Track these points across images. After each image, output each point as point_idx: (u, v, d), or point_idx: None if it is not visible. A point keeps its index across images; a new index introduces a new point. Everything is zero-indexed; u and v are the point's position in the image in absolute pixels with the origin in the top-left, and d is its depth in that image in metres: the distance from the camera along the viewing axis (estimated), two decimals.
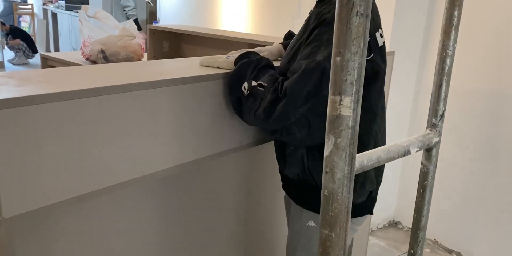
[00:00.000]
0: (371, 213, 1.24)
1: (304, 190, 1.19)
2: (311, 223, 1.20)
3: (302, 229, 1.21)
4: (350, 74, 0.53)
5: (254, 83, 1.09)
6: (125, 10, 5.33)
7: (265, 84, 1.07)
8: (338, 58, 0.53)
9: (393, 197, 2.60)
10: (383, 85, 1.15)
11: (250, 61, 1.15)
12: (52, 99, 0.85)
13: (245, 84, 1.10)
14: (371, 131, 1.14)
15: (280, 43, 1.42)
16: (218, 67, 1.23)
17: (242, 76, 1.12)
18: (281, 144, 1.22)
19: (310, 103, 1.01)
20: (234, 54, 1.23)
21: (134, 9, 5.30)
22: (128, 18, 5.23)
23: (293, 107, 1.01)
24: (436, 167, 0.73)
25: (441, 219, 2.37)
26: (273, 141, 1.35)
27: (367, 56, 0.98)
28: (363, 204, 1.18)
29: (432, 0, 2.29)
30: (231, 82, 1.14)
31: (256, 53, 1.22)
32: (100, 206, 1.10)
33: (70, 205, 0.95)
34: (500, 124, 2.10)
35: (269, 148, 1.55)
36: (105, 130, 0.94)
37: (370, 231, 2.36)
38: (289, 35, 1.45)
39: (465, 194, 2.29)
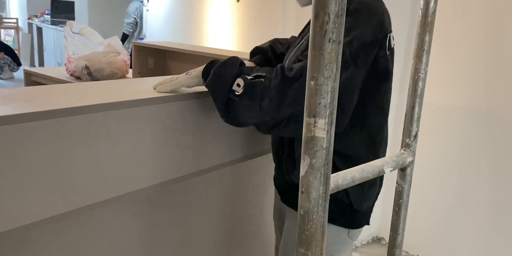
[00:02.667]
0: (368, 223, 1.22)
1: None
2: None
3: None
4: (323, 98, 0.55)
5: (248, 77, 1.00)
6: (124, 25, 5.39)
7: (263, 74, 1.00)
8: (312, 82, 0.55)
9: (376, 213, 2.62)
10: (391, 86, 1.13)
11: (229, 62, 1.05)
12: (33, 118, 0.85)
13: (238, 81, 1.00)
14: (382, 130, 1.13)
15: (250, 61, 1.38)
16: (183, 87, 1.14)
17: (225, 78, 1.02)
18: (289, 149, 1.15)
19: None
20: (195, 69, 1.15)
21: (130, 26, 5.33)
22: (123, 33, 5.28)
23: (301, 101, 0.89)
24: (410, 186, 0.75)
25: (422, 234, 2.39)
26: (255, 158, 1.36)
27: (386, 54, 1.03)
28: (364, 213, 1.17)
29: (411, 25, 2.35)
30: (213, 88, 1.04)
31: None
32: (81, 224, 1.09)
33: (50, 224, 0.94)
34: (482, 139, 2.15)
35: (252, 165, 1.56)
36: (86, 148, 0.95)
37: (354, 247, 2.37)
38: (256, 50, 1.41)
39: (447, 209, 2.32)
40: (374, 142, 1.10)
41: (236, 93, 1.00)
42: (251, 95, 0.98)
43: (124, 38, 5.29)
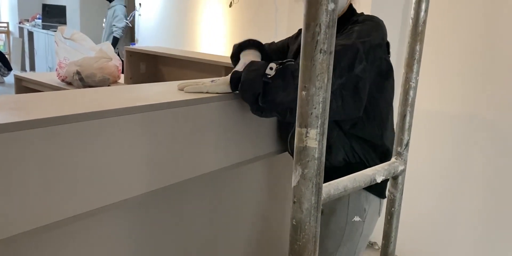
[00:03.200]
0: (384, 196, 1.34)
1: (351, 171, 1.27)
2: (357, 218, 1.31)
3: (347, 225, 1.30)
4: (315, 108, 0.55)
5: (279, 63, 1.14)
6: (112, 28, 5.38)
7: (293, 60, 1.16)
8: (303, 92, 0.55)
9: None
10: (393, 83, 1.32)
11: (257, 61, 1.28)
12: (23, 127, 0.84)
13: (271, 65, 1.12)
14: (389, 117, 1.31)
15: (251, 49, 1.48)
16: (207, 92, 1.23)
17: (258, 68, 1.14)
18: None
19: (344, 78, 1.12)
20: (220, 78, 1.29)
21: (121, 31, 5.33)
22: (113, 37, 5.28)
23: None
24: (402, 194, 0.75)
25: (415, 241, 2.40)
26: (252, 163, 1.36)
27: (388, 54, 1.27)
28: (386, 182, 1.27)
29: (402, 34, 2.37)
30: (247, 80, 1.14)
31: None
32: (74, 233, 1.08)
33: (41, 234, 0.93)
34: (470, 145, 2.17)
35: (249, 170, 1.56)
36: (79, 157, 0.94)
37: None
38: (250, 43, 1.48)
39: (438, 215, 2.33)
40: (386, 127, 1.31)
41: (269, 76, 1.11)
42: (283, 75, 1.11)
43: (115, 42, 5.28)
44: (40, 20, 7.40)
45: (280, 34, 3.15)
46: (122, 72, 2.62)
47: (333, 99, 1.13)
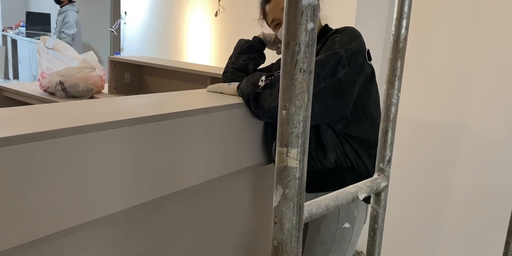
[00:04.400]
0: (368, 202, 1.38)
1: (340, 175, 1.34)
2: (347, 225, 1.33)
3: (338, 231, 1.33)
4: (295, 127, 0.54)
5: (271, 76, 1.31)
6: (60, 35, 5.17)
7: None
8: (284, 112, 0.54)
9: None
10: (377, 85, 1.42)
11: (257, 72, 1.45)
12: (2, 143, 0.82)
13: (263, 78, 1.31)
14: (378, 115, 1.37)
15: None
16: (221, 92, 1.48)
17: (255, 78, 1.33)
18: (317, 138, 1.34)
19: (327, 81, 1.22)
20: (235, 83, 1.48)
21: (70, 38, 5.13)
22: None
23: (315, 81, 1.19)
24: (385, 210, 0.74)
25: (398, 252, 2.40)
26: (237, 174, 1.34)
27: (369, 60, 1.34)
28: None
29: (385, 51, 2.39)
30: (245, 88, 1.34)
31: None
32: (59, 249, 1.06)
33: (25, 250, 0.91)
34: (451, 155, 2.18)
35: (233, 183, 1.54)
36: (61, 173, 0.92)
37: None
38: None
39: (419, 226, 2.34)
40: (376, 125, 1.38)
41: (260, 86, 1.29)
42: (271, 85, 1.27)
43: None
44: (24, 28, 7.33)
45: None
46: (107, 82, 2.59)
47: (315, 101, 1.20)
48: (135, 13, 4.86)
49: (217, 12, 3.32)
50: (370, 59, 1.35)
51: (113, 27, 5.27)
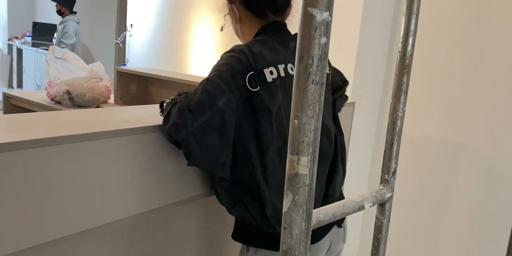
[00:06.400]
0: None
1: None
2: None
3: None
4: (307, 136, 0.57)
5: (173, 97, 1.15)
6: (60, 45, 5.25)
7: (175, 97, 1.13)
8: (296, 121, 0.57)
9: (354, 245, 2.63)
10: (268, 117, 1.12)
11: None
12: (10, 148, 0.84)
13: (166, 100, 1.16)
14: (272, 163, 1.13)
15: None
16: None
17: (167, 105, 1.16)
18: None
19: (207, 114, 1.02)
20: None
21: (69, 48, 5.21)
22: None
23: (183, 118, 1.02)
24: (389, 221, 0.76)
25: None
26: None
27: (257, 85, 1.09)
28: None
29: (389, 63, 2.44)
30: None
31: None
32: (61, 254, 1.07)
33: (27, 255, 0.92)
34: (451, 170, 2.20)
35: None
36: (65, 179, 0.94)
37: None
38: None
39: (417, 237, 2.34)
40: (254, 164, 1.12)
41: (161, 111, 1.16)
42: (167, 111, 1.10)
43: None
44: (30, 38, 7.41)
45: None
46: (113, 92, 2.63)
47: (195, 142, 1.02)
48: (141, 26, 4.93)
49: (222, 26, 3.38)
50: (261, 84, 1.10)
51: (119, 39, 5.34)
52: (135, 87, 2.65)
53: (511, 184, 2.03)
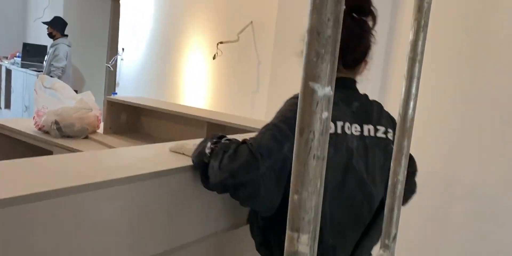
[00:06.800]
0: None
1: None
2: None
3: None
4: (307, 213, 0.54)
5: (218, 140, 1.14)
6: (50, 67, 5.21)
7: (231, 139, 1.14)
8: (296, 196, 0.54)
9: None
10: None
11: (211, 135, 1.21)
12: None
13: (208, 144, 1.13)
14: None
15: None
16: (183, 154, 1.28)
17: (203, 145, 1.16)
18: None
19: (273, 158, 1.05)
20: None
21: (60, 71, 5.18)
22: (51, 76, 5.14)
23: (256, 159, 1.03)
24: None
25: None
26: (232, 230, 1.32)
27: None
28: None
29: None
30: (194, 156, 1.17)
31: None
32: None
33: None
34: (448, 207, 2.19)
35: (233, 236, 1.51)
36: (54, 235, 0.90)
37: None
38: None
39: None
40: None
41: (207, 155, 1.11)
42: (215, 155, 1.09)
43: None
44: (20, 58, 7.36)
45: (262, 87, 3.21)
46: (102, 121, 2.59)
47: (262, 184, 1.04)
48: (132, 50, 4.93)
49: (215, 55, 3.39)
50: None
51: (110, 62, 5.33)
52: (125, 116, 2.62)
53: (504, 219, 2.01)
